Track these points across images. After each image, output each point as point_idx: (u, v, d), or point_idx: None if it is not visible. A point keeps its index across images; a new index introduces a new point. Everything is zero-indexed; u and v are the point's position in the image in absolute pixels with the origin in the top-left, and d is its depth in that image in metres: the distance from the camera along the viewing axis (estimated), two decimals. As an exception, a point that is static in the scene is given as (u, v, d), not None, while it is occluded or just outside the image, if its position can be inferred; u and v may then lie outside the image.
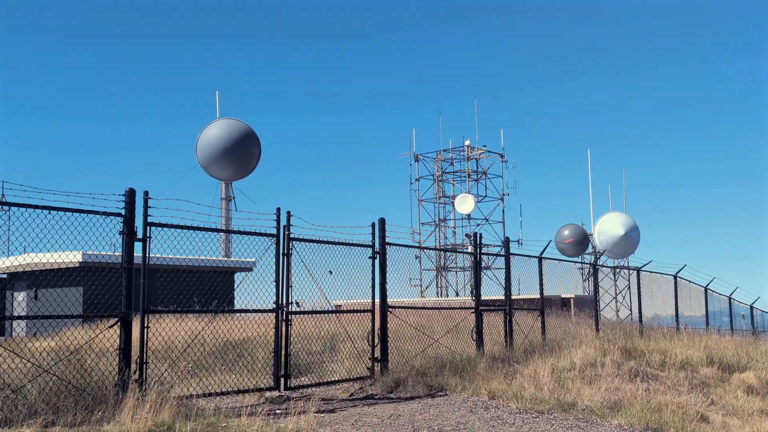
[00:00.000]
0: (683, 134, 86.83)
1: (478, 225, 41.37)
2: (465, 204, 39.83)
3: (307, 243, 11.11)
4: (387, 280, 12.52)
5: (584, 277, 44.90)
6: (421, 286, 38.61)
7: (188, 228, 9.43)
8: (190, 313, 9.74)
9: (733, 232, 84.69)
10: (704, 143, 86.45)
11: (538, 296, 18.48)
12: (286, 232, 10.73)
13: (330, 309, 12.10)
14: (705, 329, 24.05)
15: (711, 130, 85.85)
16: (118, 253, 8.93)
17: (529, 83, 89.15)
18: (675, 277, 23.26)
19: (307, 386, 11.05)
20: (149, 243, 9.15)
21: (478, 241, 14.54)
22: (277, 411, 9.63)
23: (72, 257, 25.62)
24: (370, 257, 12.30)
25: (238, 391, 10.03)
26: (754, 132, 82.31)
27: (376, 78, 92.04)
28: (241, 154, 34.67)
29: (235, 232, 10.09)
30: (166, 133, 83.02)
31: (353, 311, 12.16)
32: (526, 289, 18.63)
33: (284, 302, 10.61)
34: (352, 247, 12.04)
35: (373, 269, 12.32)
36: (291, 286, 10.74)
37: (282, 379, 10.60)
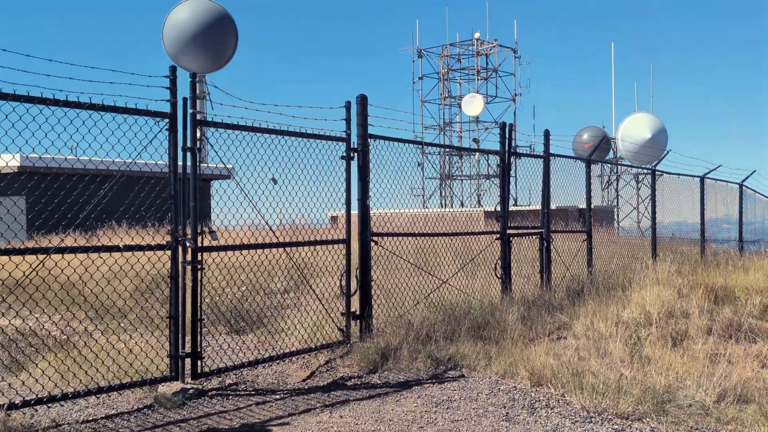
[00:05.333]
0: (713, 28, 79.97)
1: (486, 129, 36.87)
2: (473, 105, 35.31)
3: (231, 131, 6.55)
4: (370, 194, 8.08)
5: (603, 185, 40.73)
6: (423, 196, 34.25)
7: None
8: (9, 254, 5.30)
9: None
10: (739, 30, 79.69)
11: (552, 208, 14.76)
12: (190, 111, 6.16)
13: (270, 239, 7.66)
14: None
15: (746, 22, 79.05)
16: (62, 156, 6.28)
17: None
18: (740, 185, 18.76)
19: (237, 368, 6.72)
20: None
21: (507, 135, 9.91)
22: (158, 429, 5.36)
23: (7, 160, 21.41)
24: (342, 157, 7.80)
25: (101, 390, 5.72)
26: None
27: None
28: (214, 41, 29.60)
29: (74, 105, 5.49)
30: (132, 16, 76.34)
31: (307, 243, 7.63)
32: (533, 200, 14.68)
33: (188, 232, 6.19)
34: (313, 140, 7.52)
35: (348, 177, 7.84)
36: (197, 203, 6.26)
37: (188, 361, 6.28)
